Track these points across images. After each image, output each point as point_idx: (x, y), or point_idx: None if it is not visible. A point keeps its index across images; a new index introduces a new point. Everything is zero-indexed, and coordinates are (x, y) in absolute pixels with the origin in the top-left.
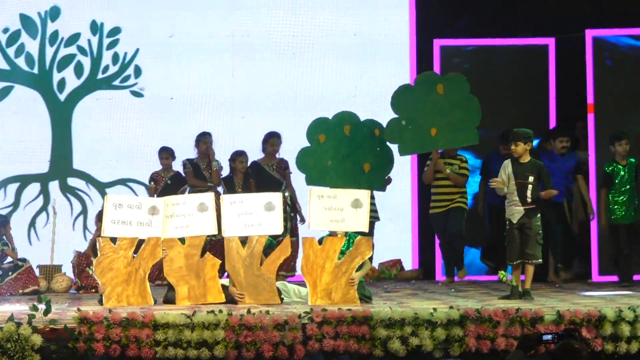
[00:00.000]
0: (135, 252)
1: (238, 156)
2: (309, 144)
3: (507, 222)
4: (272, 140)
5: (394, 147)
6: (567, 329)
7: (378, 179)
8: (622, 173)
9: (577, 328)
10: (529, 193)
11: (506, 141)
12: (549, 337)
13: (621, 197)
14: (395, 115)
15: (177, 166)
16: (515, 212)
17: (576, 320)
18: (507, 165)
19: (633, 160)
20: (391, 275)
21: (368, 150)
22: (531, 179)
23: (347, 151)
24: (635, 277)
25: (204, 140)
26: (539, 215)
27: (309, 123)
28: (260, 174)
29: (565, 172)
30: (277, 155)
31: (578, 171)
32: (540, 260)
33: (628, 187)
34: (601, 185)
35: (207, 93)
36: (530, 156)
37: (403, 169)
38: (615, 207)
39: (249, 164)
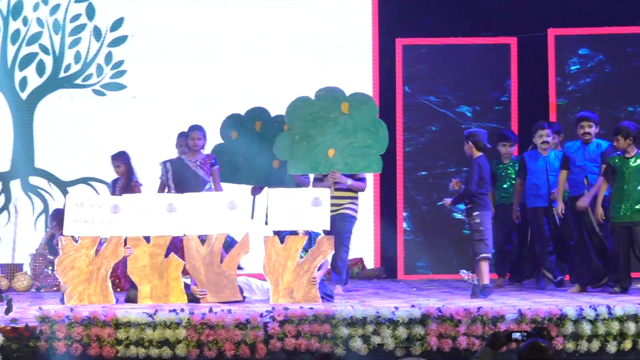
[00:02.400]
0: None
1: (113, 159)
2: (222, 141)
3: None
4: (192, 134)
5: None
6: (537, 327)
7: (286, 176)
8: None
9: (547, 327)
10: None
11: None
12: (519, 335)
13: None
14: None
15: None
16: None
17: (537, 319)
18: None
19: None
20: (353, 274)
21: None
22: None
23: (258, 148)
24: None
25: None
26: (475, 212)
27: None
28: (182, 171)
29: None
30: (201, 151)
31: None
32: (482, 256)
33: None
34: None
35: (169, 91)
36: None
37: None
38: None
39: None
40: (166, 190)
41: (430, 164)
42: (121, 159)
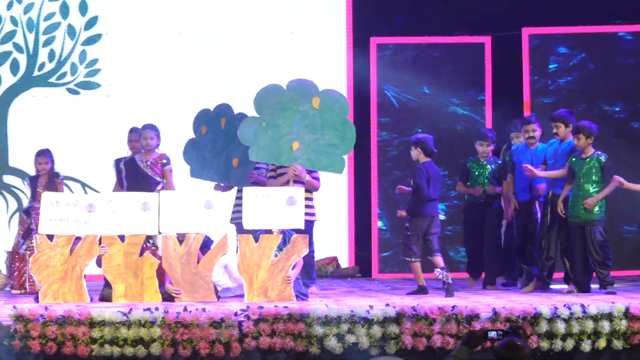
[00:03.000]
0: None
1: (37, 156)
2: (194, 135)
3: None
4: (145, 134)
5: None
6: (513, 326)
7: (244, 175)
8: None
9: (523, 326)
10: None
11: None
12: (494, 334)
13: None
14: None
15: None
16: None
17: (512, 317)
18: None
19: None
20: (327, 273)
21: (238, 144)
22: (412, 182)
23: (222, 145)
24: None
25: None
26: (409, 217)
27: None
28: (133, 171)
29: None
30: (156, 150)
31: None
32: (405, 259)
33: None
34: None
35: (143, 90)
36: (426, 158)
37: None
38: None
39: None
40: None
41: (405, 163)
42: (48, 156)
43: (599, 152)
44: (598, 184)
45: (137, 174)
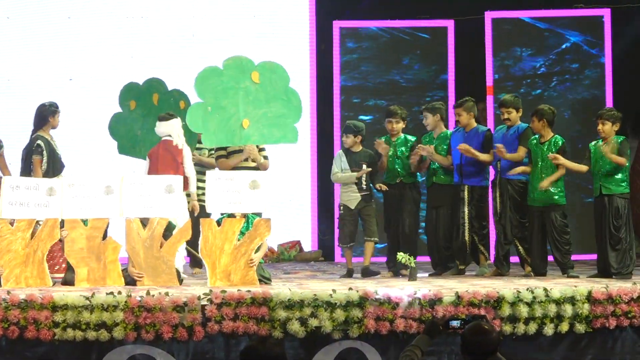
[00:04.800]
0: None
1: None
2: (120, 110)
3: (342, 207)
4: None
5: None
6: (474, 314)
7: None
8: None
9: (484, 314)
10: (364, 180)
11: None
12: (456, 322)
13: None
14: (200, 100)
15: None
16: (352, 198)
17: (475, 301)
18: (341, 156)
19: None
20: (290, 257)
21: None
22: (364, 167)
23: (154, 122)
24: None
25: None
26: (373, 199)
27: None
28: (51, 151)
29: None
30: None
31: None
32: (376, 239)
33: None
34: None
35: (106, 73)
36: (361, 145)
37: (302, 148)
38: None
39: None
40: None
41: (367, 146)
42: None
43: (558, 136)
44: (556, 168)
45: (55, 154)
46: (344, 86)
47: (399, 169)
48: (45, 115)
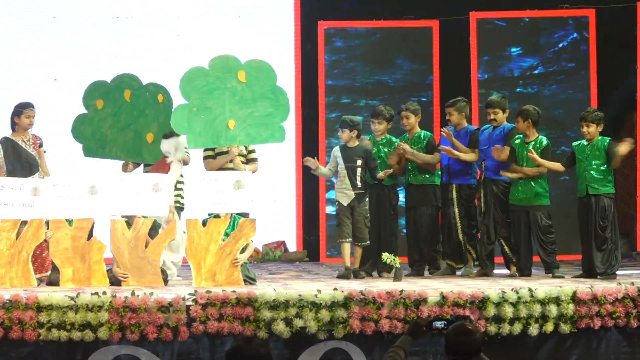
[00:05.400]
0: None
1: None
2: (85, 111)
3: (337, 204)
4: (27, 112)
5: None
6: (457, 315)
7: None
8: None
9: (467, 315)
10: (358, 177)
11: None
12: (440, 323)
13: None
14: (185, 102)
15: None
16: (345, 195)
17: (460, 301)
18: (335, 150)
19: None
20: (275, 257)
21: (151, 118)
22: (359, 162)
23: (127, 119)
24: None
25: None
26: (366, 199)
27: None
28: (15, 151)
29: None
30: (30, 131)
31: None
32: (367, 242)
33: None
34: None
35: (91, 73)
36: (357, 141)
37: (288, 149)
38: None
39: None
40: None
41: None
42: None
43: (542, 136)
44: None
45: (20, 153)
46: (329, 86)
47: (379, 170)
48: (12, 116)
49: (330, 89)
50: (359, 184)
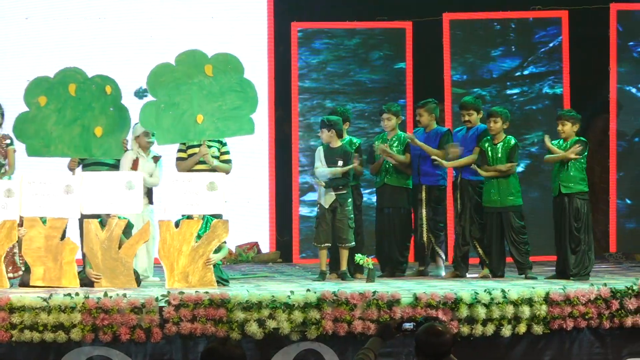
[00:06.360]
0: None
1: None
2: (27, 109)
3: (318, 206)
4: None
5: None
6: (427, 316)
7: (113, 144)
8: None
9: (437, 317)
10: (340, 178)
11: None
12: (409, 325)
13: None
14: (153, 99)
15: None
16: (327, 197)
17: (432, 303)
18: (319, 152)
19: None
20: (248, 258)
21: (99, 111)
22: (340, 163)
23: (73, 114)
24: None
25: None
26: (350, 199)
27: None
28: None
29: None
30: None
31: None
32: (353, 244)
33: None
34: None
35: None
36: (339, 141)
37: (260, 150)
38: None
39: None
40: None
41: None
42: None
43: (510, 137)
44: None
45: None
46: (302, 87)
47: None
48: None
49: (303, 90)
50: (340, 185)
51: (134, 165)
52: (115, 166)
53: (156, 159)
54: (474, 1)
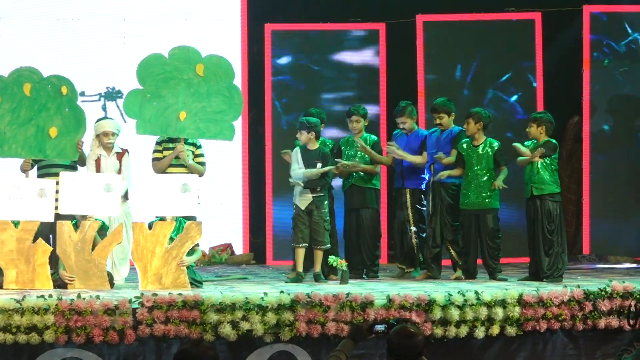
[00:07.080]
0: None
1: None
2: None
3: (295, 207)
4: None
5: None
6: (399, 318)
7: (68, 146)
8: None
9: (409, 318)
10: (316, 180)
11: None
12: (380, 327)
13: None
14: (140, 87)
15: None
16: (303, 199)
17: (406, 304)
18: (296, 153)
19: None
20: (222, 260)
21: (54, 112)
22: (319, 165)
23: (28, 114)
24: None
25: None
26: (326, 202)
27: None
28: None
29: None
30: None
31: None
32: (328, 246)
33: None
34: None
35: None
36: (317, 143)
37: (234, 151)
38: None
39: None
40: None
41: None
42: None
43: (491, 139)
44: (491, 171)
45: None
46: (275, 88)
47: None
48: None
49: (276, 91)
50: (318, 188)
51: (97, 165)
52: (70, 168)
53: (120, 155)
54: (447, 3)
